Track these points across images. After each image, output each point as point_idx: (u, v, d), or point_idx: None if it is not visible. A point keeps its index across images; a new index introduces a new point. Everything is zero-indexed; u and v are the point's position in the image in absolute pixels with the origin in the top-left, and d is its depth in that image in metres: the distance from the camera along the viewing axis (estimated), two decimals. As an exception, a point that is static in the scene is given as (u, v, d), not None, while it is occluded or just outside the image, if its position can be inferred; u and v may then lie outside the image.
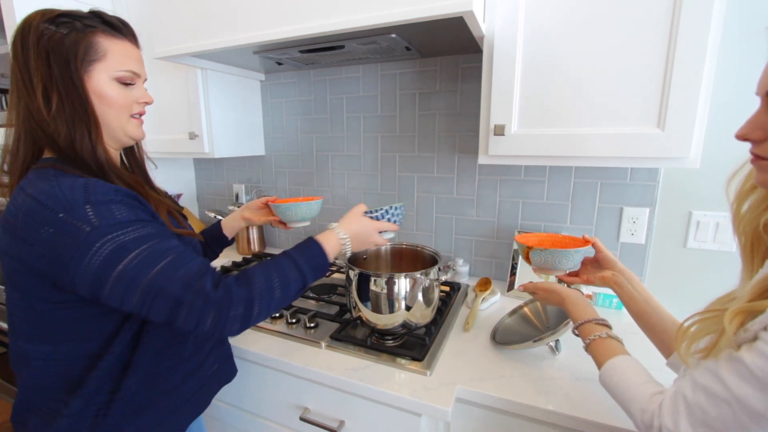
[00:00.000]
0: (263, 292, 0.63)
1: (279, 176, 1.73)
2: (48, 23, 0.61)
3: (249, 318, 0.62)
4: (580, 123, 0.91)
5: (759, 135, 0.46)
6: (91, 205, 0.57)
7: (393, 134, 1.46)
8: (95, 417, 0.65)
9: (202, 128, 1.43)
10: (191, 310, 0.58)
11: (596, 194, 1.21)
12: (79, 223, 0.55)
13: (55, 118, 0.61)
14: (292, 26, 0.96)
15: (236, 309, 0.60)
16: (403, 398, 0.81)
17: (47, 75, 0.60)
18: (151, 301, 0.57)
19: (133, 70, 0.68)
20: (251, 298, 0.62)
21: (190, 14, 1.10)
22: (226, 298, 0.59)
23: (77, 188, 0.57)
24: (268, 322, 1.09)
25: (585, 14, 0.86)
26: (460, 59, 1.30)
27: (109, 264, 0.56)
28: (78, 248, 0.55)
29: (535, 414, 0.78)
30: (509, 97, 0.96)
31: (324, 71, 1.52)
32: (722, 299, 0.54)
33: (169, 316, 0.58)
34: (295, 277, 0.68)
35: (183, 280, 0.58)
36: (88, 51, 0.63)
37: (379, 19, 0.86)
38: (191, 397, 0.79)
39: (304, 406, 0.96)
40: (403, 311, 0.91)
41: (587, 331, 0.65)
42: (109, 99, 0.65)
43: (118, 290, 0.57)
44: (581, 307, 0.71)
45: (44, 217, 0.55)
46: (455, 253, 1.46)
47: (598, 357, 0.61)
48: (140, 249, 0.57)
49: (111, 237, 0.56)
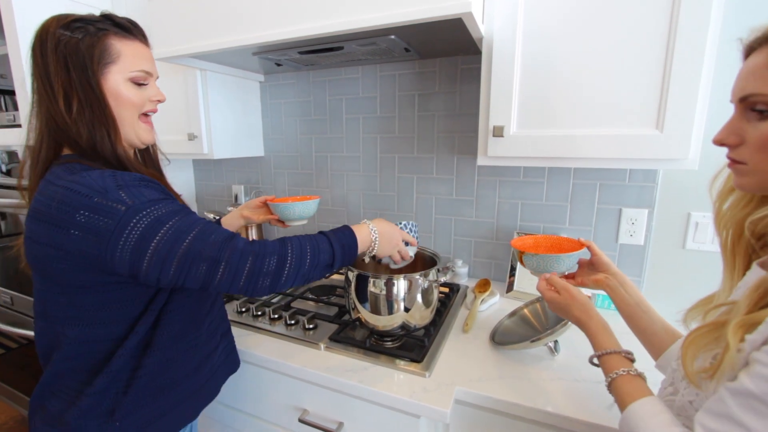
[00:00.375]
0: (296, 251, 0.67)
1: (278, 177, 1.73)
2: (63, 29, 0.63)
3: (280, 275, 0.66)
4: (579, 124, 0.91)
5: (734, 140, 0.47)
6: (122, 189, 0.60)
7: (392, 135, 1.46)
8: (116, 394, 0.68)
9: (201, 129, 1.43)
10: (228, 267, 0.62)
11: (595, 195, 1.21)
12: (114, 204, 0.58)
13: (76, 121, 0.64)
14: (291, 27, 0.96)
15: (269, 262, 0.64)
16: (401, 400, 0.81)
17: (67, 80, 0.64)
18: (189, 265, 0.61)
19: (145, 70, 0.71)
20: (285, 254, 0.66)
21: (189, 15, 1.10)
22: (261, 251, 0.64)
23: (107, 176, 0.61)
24: (267, 324, 1.09)
25: (584, 15, 0.87)
26: (459, 60, 1.30)
27: (147, 237, 0.59)
28: (116, 227, 0.58)
29: (534, 415, 0.77)
30: (508, 98, 0.96)
31: (323, 72, 1.52)
32: (706, 300, 0.54)
33: (207, 277, 0.62)
34: (326, 249, 0.71)
35: (217, 243, 0.63)
36: (103, 54, 0.65)
37: (379, 21, 0.86)
38: (205, 383, 0.82)
39: (302, 408, 0.96)
40: (402, 312, 0.91)
41: (612, 365, 0.59)
42: (125, 99, 0.68)
43: (156, 262, 0.60)
44: (608, 335, 0.64)
45: (79, 202, 0.58)
46: (454, 254, 1.45)
47: (623, 397, 0.55)
48: (174, 221, 0.61)
49: (146, 212, 0.60)
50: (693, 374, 0.46)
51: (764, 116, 0.43)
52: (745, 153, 0.46)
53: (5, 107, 1.65)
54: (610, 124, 0.89)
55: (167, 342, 0.72)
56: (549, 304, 0.75)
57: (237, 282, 0.63)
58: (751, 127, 0.45)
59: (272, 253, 0.65)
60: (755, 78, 0.44)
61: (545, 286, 0.76)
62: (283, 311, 1.11)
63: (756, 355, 0.39)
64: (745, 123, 0.46)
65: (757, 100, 0.43)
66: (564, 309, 0.72)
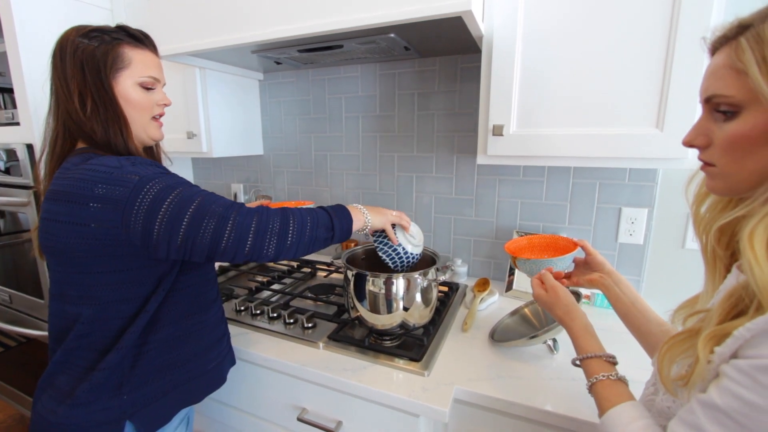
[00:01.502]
0: (297, 216, 0.73)
1: (277, 176, 1.73)
2: (82, 37, 0.71)
3: (285, 236, 0.70)
4: (579, 123, 0.91)
5: (702, 141, 0.46)
6: (135, 165, 0.68)
7: (392, 134, 1.46)
8: (125, 369, 0.72)
9: (200, 128, 1.43)
10: (235, 224, 0.66)
11: (595, 194, 1.21)
12: (128, 176, 0.65)
13: (90, 118, 0.71)
14: (290, 25, 0.96)
15: (274, 222, 0.70)
16: (400, 399, 0.81)
17: (82, 82, 0.70)
18: (198, 224, 0.65)
19: (153, 76, 0.77)
20: (287, 216, 0.72)
21: (188, 13, 1.09)
22: (265, 213, 0.70)
23: (122, 158, 0.68)
24: (265, 322, 1.09)
25: (584, 14, 0.86)
26: (459, 59, 1.29)
27: (159, 199, 0.64)
28: (131, 193, 0.64)
29: (532, 414, 0.77)
30: (508, 97, 0.96)
31: (322, 71, 1.51)
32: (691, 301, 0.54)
33: (216, 235, 0.66)
34: (325, 220, 0.76)
35: (224, 203, 0.68)
36: (116, 60, 0.72)
37: (378, 19, 0.86)
38: (212, 368, 0.85)
39: (301, 407, 0.96)
40: (401, 311, 0.91)
41: (593, 369, 0.59)
42: (134, 101, 0.75)
43: (167, 223, 0.65)
44: (591, 337, 0.64)
45: (98, 177, 0.65)
46: (454, 253, 1.45)
47: (602, 402, 0.55)
48: (182, 187, 0.67)
49: (157, 180, 0.66)
50: (668, 382, 0.46)
51: (728, 117, 0.42)
52: (714, 154, 0.45)
53: (4, 105, 1.65)
54: (610, 123, 0.89)
55: (175, 318, 0.76)
56: (536, 300, 0.76)
57: (244, 242, 0.67)
58: (717, 128, 0.44)
59: (275, 215, 0.71)
60: (716, 79, 0.43)
61: (537, 282, 0.77)
62: (281, 310, 1.11)
63: (724, 368, 0.39)
64: (712, 123, 0.45)
65: (720, 101, 0.42)
66: (549, 307, 0.73)
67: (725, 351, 0.39)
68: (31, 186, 1.38)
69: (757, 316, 0.37)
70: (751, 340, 0.38)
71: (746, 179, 0.43)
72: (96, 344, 0.71)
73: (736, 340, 0.38)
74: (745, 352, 0.38)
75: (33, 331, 1.54)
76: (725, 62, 0.42)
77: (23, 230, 1.49)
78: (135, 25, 0.78)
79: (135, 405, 0.73)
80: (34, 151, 1.34)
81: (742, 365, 0.37)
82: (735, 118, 0.42)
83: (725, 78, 0.42)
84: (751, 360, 0.37)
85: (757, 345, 0.37)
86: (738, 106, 0.41)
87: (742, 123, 0.41)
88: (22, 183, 1.39)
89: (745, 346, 0.38)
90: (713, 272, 0.51)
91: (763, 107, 0.39)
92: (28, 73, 1.26)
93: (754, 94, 0.39)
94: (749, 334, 0.37)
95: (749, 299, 0.40)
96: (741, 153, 0.42)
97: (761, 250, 0.38)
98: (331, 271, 1.45)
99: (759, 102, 0.39)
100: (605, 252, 1.22)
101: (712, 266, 0.51)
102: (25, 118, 1.30)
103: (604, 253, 1.21)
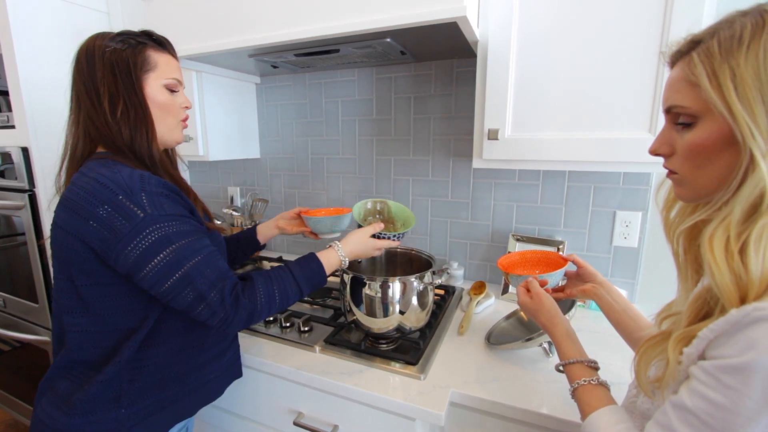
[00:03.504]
0: (264, 305, 0.73)
1: (274, 179, 1.73)
2: (109, 41, 0.71)
3: (250, 322, 0.72)
4: (574, 127, 0.92)
5: (666, 150, 0.48)
6: (146, 194, 0.65)
7: (388, 138, 1.46)
8: (123, 383, 0.71)
9: (196, 131, 1.43)
10: (208, 307, 0.67)
11: (589, 198, 1.22)
12: (135, 208, 0.63)
13: (119, 121, 0.70)
14: (287, 30, 0.97)
15: (240, 316, 0.70)
16: (396, 402, 0.81)
17: (113, 84, 0.70)
18: (180, 290, 0.66)
19: (177, 78, 0.78)
20: (253, 309, 0.71)
21: (185, 17, 1.10)
22: (234, 305, 0.69)
23: (135, 177, 0.66)
24: (262, 327, 1.09)
25: (578, 20, 0.87)
26: (455, 63, 1.30)
27: (153, 251, 0.64)
28: (130, 230, 0.63)
29: (528, 417, 0.78)
30: (503, 101, 0.96)
31: (319, 74, 1.52)
32: (667, 306, 0.55)
33: (190, 306, 0.67)
34: (294, 291, 0.77)
35: (210, 279, 0.68)
36: (144, 63, 0.73)
37: (374, 24, 0.87)
38: (209, 381, 0.84)
39: (297, 411, 0.96)
40: (398, 315, 0.91)
41: (575, 374, 0.60)
42: (162, 103, 0.75)
43: (152, 277, 0.65)
44: (572, 343, 0.66)
45: (105, 196, 0.63)
46: (450, 256, 1.46)
47: (584, 406, 0.57)
48: (180, 243, 0.66)
49: (159, 226, 0.64)
50: (646, 385, 0.48)
51: (687, 127, 0.44)
52: (676, 163, 0.47)
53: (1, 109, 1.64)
54: (604, 128, 0.89)
55: (174, 334, 0.76)
56: (521, 307, 0.78)
57: (211, 322, 0.69)
58: (679, 137, 0.46)
59: (243, 308, 0.70)
60: (674, 91, 0.45)
61: (523, 290, 0.79)
62: (278, 314, 1.11)
63: (692, 369, 0.40)
64: (674, 133, 0.47)
65: (679, 112, 0.45)
66: (533, 313, 0.74)
67: (693, 352, 0.41)
68: (26, 189, 1.37)
69: (721, 318, 0.39)
70: (714, 341, 0.39)
71: (706, 185, 0.44)
72: (92, 355, 0.71)
73: (702, 341, 0.40)
74: (710, 352, 0.39)
75: (27, 335, 1.53)
76: (680, 75, 0.44)
77: (18, 233, 1.48)
78: (131, 29, 0.78)
79: (132, 419, 0.72)
80: (30, 154, 1.33)
81: (707, 366, 0.39)
82: (693, 128, 0.44)
83: (681, 90, 0.44)
84: (715, 361, 0.38)
85: (719, 345, 0.38)
86: (695, 117, 0.43)
87: (699, 132, 0.43)
88: (17, 186, 1.39)
89: (710, 347, 0.40)
90: (685, 276, 0.53)
91: (716, 117, 0.41)
92: (24, 76, 1.26)
93: (708, 105, 0.41)
94: (713, 335, 0.39)
95: (714, 301, 0.42)
96: (700, 160, 0.44)
97: (720, 253, 0.40)
98: (327, 275, 1.45)
99: (712, 112, 0.41)
100: (600, 255, 1.23)
101: (684, 270, 0.53)
102: (21, 122, 1.30)
103: (598, 257, 1.23)
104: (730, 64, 0.39)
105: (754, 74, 0.38)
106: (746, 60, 0.38)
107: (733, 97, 0.39)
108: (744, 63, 0.39)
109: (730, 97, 0.39)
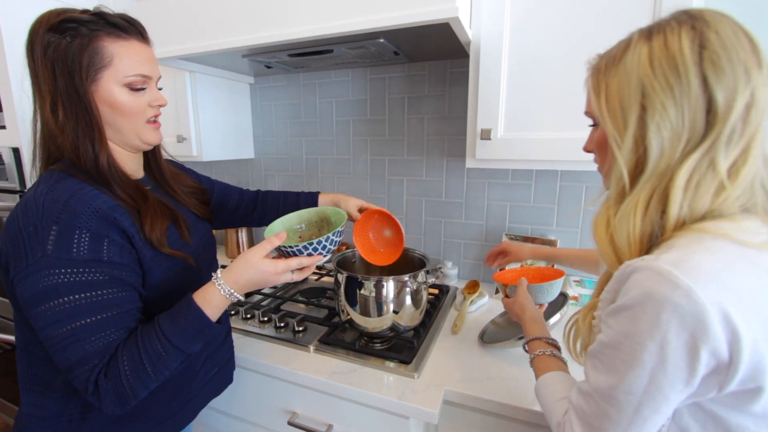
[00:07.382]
0: (133, 383, 0.59)
1: (268, 179, 1.73)
2: (53, 31, 0.59)
3: (126, 401, 0.60)
4: (565, 127, 0.93)
5: (588, 147, 0.59)
6: (59, 228, 0.56)
7: (382, 138, 1.47)
8: (70, 422, 0.65)
9: (190, 131, 1.42)
10: (74, 380, 0.58)
11: (582, 197, 1.23)
12: (36, 246, 0.56)
13: (62, 129, 0.61)
14: (281, 30, 0.97)
15: (107, 401, 0.59)
16: (390, 401, 0.81)
17: (53, 87, 0.60)
18: (54, 351, 0.58)
19: (142, 74, 0.65)
20: (120, 392, 0.59)
21: (178, 16, 1.09)
22: (95, 393, 0.58)
23: (60, 203, 0.57)
24: (256, 326, 1.09)
25: (570, 21, 0.88)
26: (449, 64, 1.31)
27: (39, 298, 0.56)
28: (25, 268, 0.56)
29: (522, 415, 0.78)
30: (495, 101, 0.97)
31: (313, 75, 1.52)
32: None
33: (66, 372, 0.58)
34: (169, 351, 0.61)
35: (76, 356, 0.57)
36: (94, 58, 0.60)
37: (367, 24, 0.87)
38: (176, 413, 0.76)
39: (292, 411, 0.96)
40: (392, 314, 0.92)
41: (534, 347, 0.70)
42: (120, 107, 0.64)
43: (36, 322, 0.57)
44: (538, 325, 0.75)
45: (21, 222, 0.57)
46: (444, 255, 1.46)
47: (537, 372, 0.65)
48: (67, 299, 0.57)
49: (51, 272, 0.56)
50: (575, 355, 0.58)
51: (595, 128, 0.56)
52: (595, 158, 0.58)
53: None
54: (595, 128, 0.90)
55: None
56: (504, 307, 0.88)
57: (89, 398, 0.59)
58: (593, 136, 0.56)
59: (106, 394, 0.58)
60: (587, 99, 0.55)
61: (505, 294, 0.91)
62: (272, 314, 1.11)
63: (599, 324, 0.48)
64: (593, 133, 0.57)
65: (589, 116, 0.56)
66: (509, 309, 0.85)
67: (600, 314, 0.49)
68: (17, 190, 1.36)
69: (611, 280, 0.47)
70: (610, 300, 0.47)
71: (606, 176, 0.55)
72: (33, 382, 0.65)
73: (604, 302, 0.48)
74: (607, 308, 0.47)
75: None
76: (588, 86, 0.54)
77: (8, 235, 1.46)
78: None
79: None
80: (21, 154, 1.32)
81: (603, 317, 0.47)
82: (597, 129, 0.55)
83: (588, 98, 0.54)
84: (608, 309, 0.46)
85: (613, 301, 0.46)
86: (596, 119, 0.53)
87: (598, 132, 0.54)
88: (8, 187, 1.37)
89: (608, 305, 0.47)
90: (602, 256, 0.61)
91: None
92: (13, 75, 1.24)
93: None
94: (609, 295, 0.47)
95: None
96: (600, 155, 0.55)
97: (602, 231, 0.50)
98: (322, 275, 1.45)
99: None
100: (592, 254, 1.24)
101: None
102: (11, 122, 1.29)
103: (591, 255, 1.24)
104: (607, 80, 0.49)
105: (617, 88, 0.47)
106: (615, 76, 0.48)
107: (603, 107, 0.49)
108: (612, 79, 0.48)
109: (602, 107, 0.49)
